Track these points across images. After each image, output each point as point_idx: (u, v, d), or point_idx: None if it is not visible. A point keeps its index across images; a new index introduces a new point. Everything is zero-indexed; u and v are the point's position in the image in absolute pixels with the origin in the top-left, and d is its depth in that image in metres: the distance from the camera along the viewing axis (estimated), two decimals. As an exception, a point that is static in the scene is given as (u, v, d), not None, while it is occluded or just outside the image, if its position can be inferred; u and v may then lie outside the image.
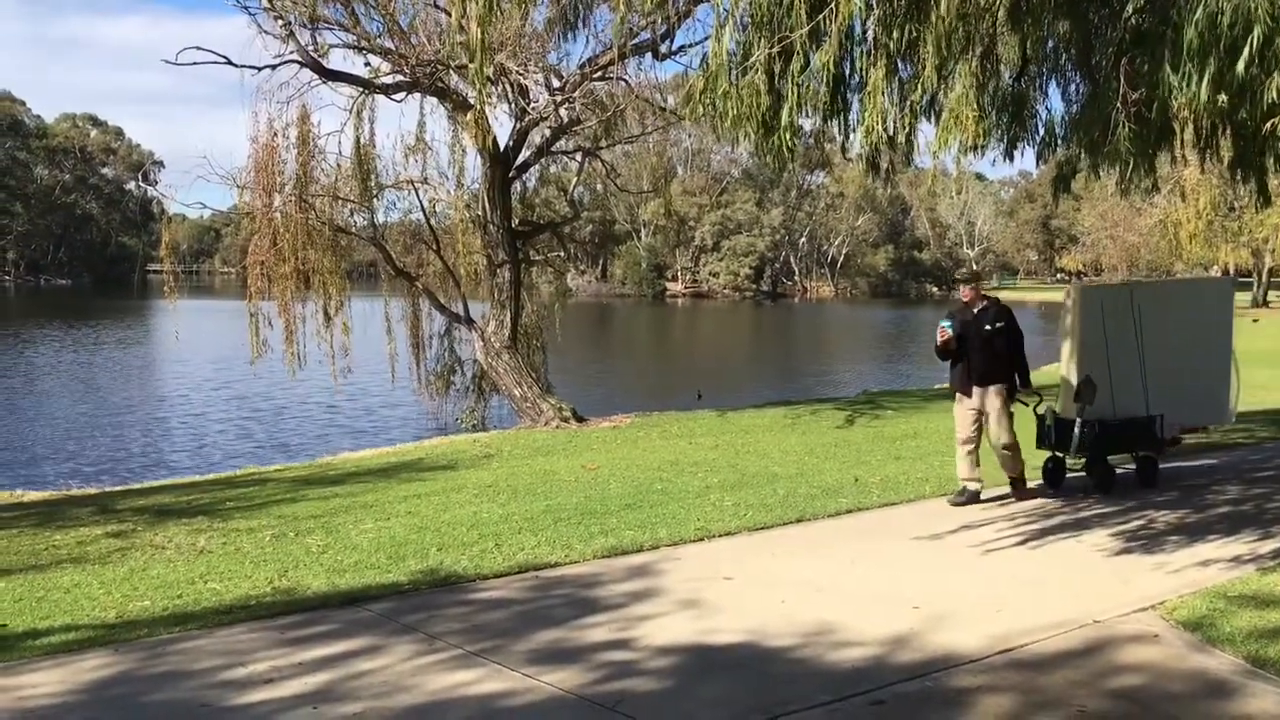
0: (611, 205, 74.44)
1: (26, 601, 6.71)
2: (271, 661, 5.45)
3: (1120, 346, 9.63)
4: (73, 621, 6.24)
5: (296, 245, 16.36)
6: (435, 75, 15.82)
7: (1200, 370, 10.20)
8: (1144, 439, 9.81)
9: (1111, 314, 9.65)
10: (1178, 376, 9.92)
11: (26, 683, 5.19)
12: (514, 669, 5.32)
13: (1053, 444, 9.72)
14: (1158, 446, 9.91)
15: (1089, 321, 9.67)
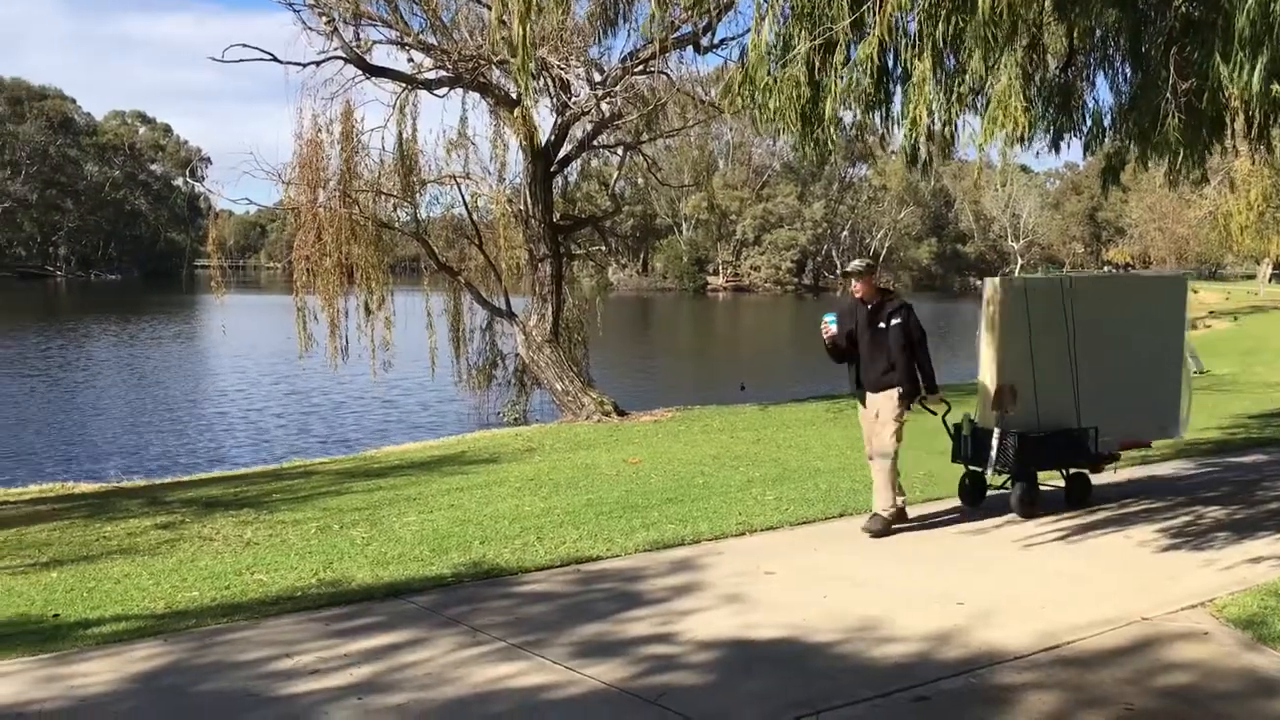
0: (652, 199, 74.32)
1: (78, 592, 6.83)
2: (317, 653, 5.51)
3: (1048, 349, 8.55)
4: (123, 612, 6.34)
5: (340, 240, 16.53)
6: (477, 71, 15.89)
7: (1147, 378, 9.17)
8: (1075, 453, 8.74)
9: (1039, 312, 8.55)
10: (1119, 384, 8.94)
11: (79, 672, 5.28)
12: (556, 662, 5.34)
13: (969, 458, 8.72)
14: (1091, 462, 8.87)
15: (1011, 320, 8.54)
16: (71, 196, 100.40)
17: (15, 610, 6.45)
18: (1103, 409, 8.76)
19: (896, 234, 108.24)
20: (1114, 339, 8.92)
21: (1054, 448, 8.65)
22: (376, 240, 17.25)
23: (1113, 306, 9.06)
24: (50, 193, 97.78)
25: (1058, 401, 8.60)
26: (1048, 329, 8.56)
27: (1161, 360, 9.27)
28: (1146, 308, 9.29)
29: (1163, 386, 9.29)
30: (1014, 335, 8.53)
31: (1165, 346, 9.33)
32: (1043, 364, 8.53)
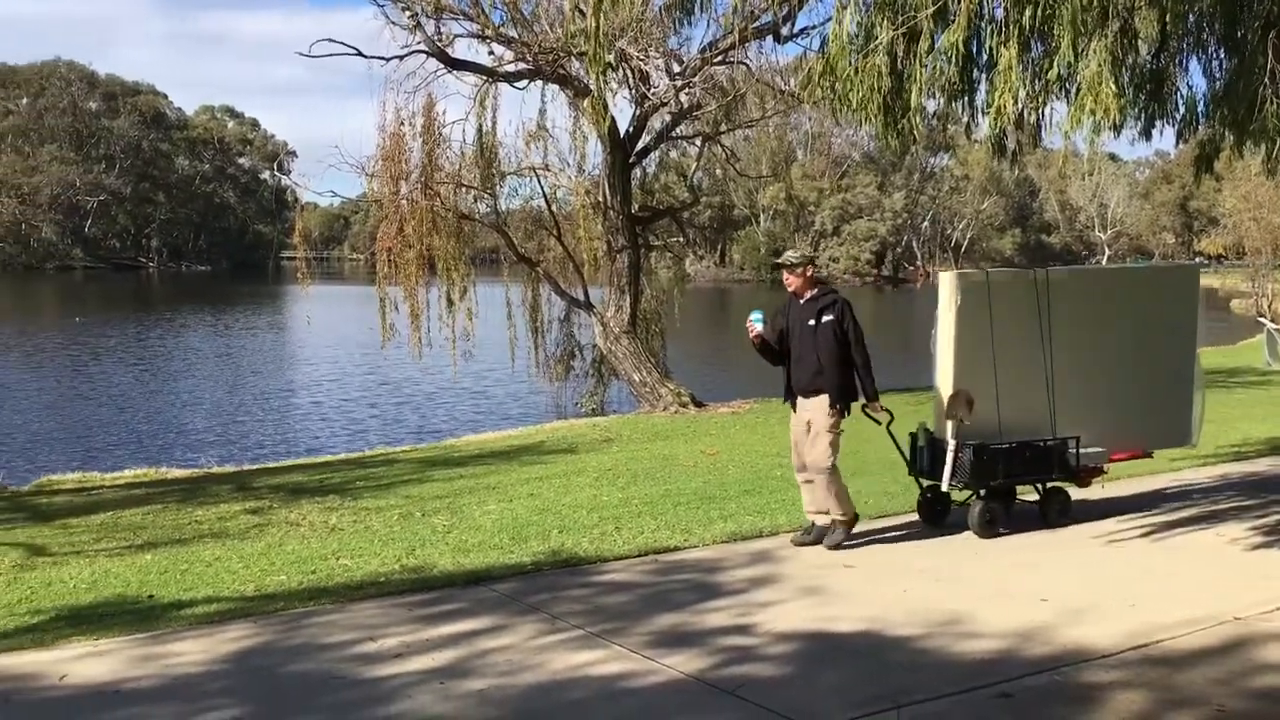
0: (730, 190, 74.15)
1: (171, 574, 7.03)
2: (401, 637, 5.61)
3: (1014, 350, 7.78)
4: (214, 594, 6.52)
5: (422, 232, 16.74)
6: (557, 63, 15.97)
7: (1148, 381, 8.32)
8: (1050, 466, 7.90)
9: (1003, 310, 7.76)
10: (1111, 389, 8.19)
11: (173, 651, 5.45)
12: (635, 651, 5.37)
13: (926, 471, 7.94)
14: (1071, 476, 7.99)
15: (969, 319, 7.71)
16: (163, 190, 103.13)
17: (113, 591, 6.67)
18: (1088, 416, 7.99)
19: (979, 224, 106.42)
20: (1104, 338, 8.17)
21: (1020, 460, 7.78)
22: (457, 232, 17.43)
23: (1102, 302, 8.28)
24: (143, 186, 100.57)
25: (1027, 409, 7.83)
26: (1015, 329, 7.79)
27: (1167, 361, 8.42)
28: (1147, 303, 8.42)
29: (1169, 390, 8.41)
30: (972, 336, 7.70)
31: (1172, 345, 8.44)
32: (1007, 368, 7.75)
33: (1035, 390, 7.87)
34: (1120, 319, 8.25)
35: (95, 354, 31.95)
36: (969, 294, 7.77)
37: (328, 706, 4.75)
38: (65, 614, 6.14)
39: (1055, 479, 8.02)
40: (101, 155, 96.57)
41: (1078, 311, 8.07)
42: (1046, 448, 7.87)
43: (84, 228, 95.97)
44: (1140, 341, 8.31)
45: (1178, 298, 8.58)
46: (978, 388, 7.67)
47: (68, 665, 5.22)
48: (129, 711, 4.67)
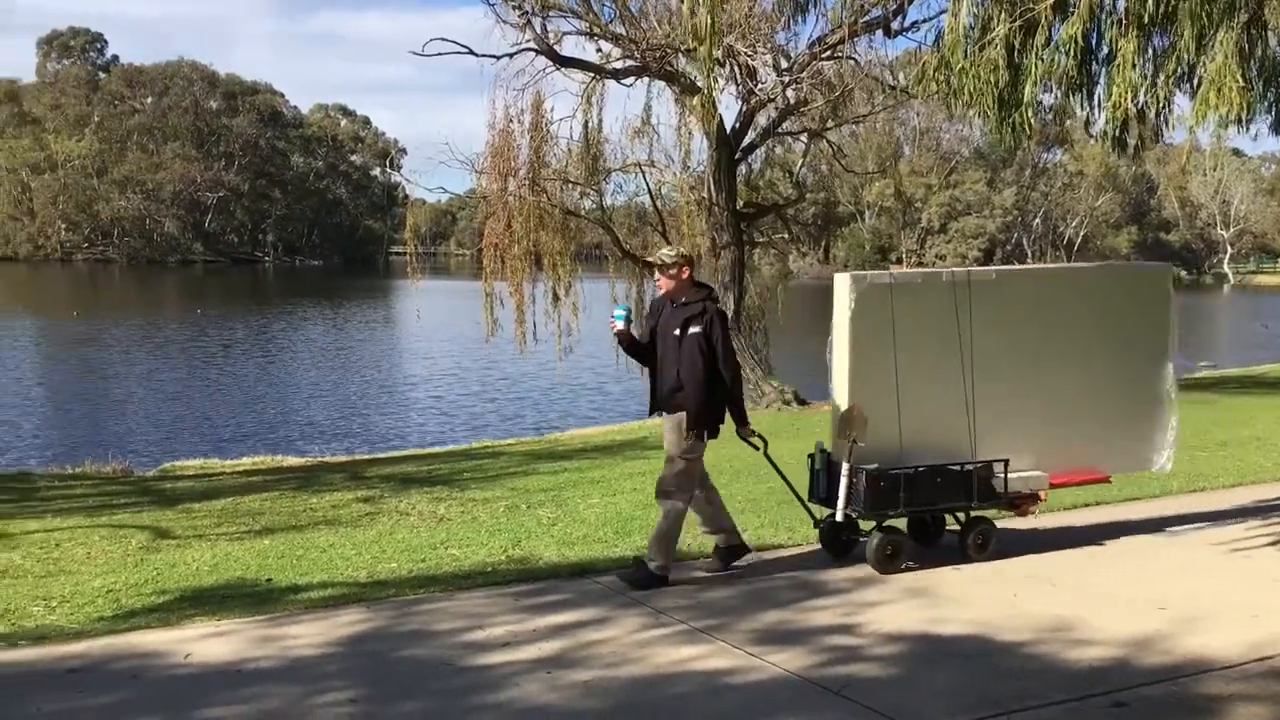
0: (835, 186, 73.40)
1: (288, 559, 7.27)
2: (508, 626, 5.71)
3: (923, 362, 6.93)
4: (329, 579, 6.72)
5: (529, 228, 16.97)
6: (664, 59, 16.02)
7: (1106, 396, 7.43)
8: (969, 493, 6.93)
9: (910, 316, 6.87)
10: (1054, 405, 7.26)
11: (290, 633, 5.63)
12: (738, 647, 5.38)
13: (824, 497, 6.99)
14: (997, 504, 7.07)
15: (867, 326, 6.82)
16: (279, 186, 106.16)
17: (233, 574, 6.92)
18: (1023, 437, 7.14)
19: (1093, 221, 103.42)
20: (1046, 349, 7.27)
21: (929, 486, 6.83)
22: (563, 228, 17.64)
23: (1041, 308, 7.29)
24: (260, 182, 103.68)
25: (940, 429, 6.94)
26: (925, 338, 6.94)
27: (1131, 374, 7.50)
28: (1104, 309, 7.45)
29: (1133, 407, 7.51)
30: (871, 346, 6.83)
31: (1137, 357, 7.50)
32: (914, 382, 6.87)
33: (951, 408, 6.95)
34: (1067, 327, 7.31)
35: (224, 346, 33.08)
36: (867, 298, 6.83)
37: (438, 692, 4.87)
38: (189, 595, 6.40)
39: (979, 507, 7.03)
40: (221, 153, 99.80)
41: (1009, 318, 7.14)
42: (963, 472, 6.89)
43: (204, 223, 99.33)
44: (1094, 353, 7.37)
45: (1144, 303, 7.56)
46: (878, 405, 6.76)
47: (192, 644, 5.44)
48: (250, 690, 4.85)
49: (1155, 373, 7.53)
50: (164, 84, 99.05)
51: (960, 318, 6.95)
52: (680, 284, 6.66)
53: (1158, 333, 7.55)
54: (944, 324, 6.94)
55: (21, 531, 8.51)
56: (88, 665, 5.16)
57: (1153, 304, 7.58)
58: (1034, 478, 7.14)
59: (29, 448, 16.63)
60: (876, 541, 6.76)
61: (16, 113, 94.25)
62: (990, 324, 7.02)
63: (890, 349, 6.81)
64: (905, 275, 7.47)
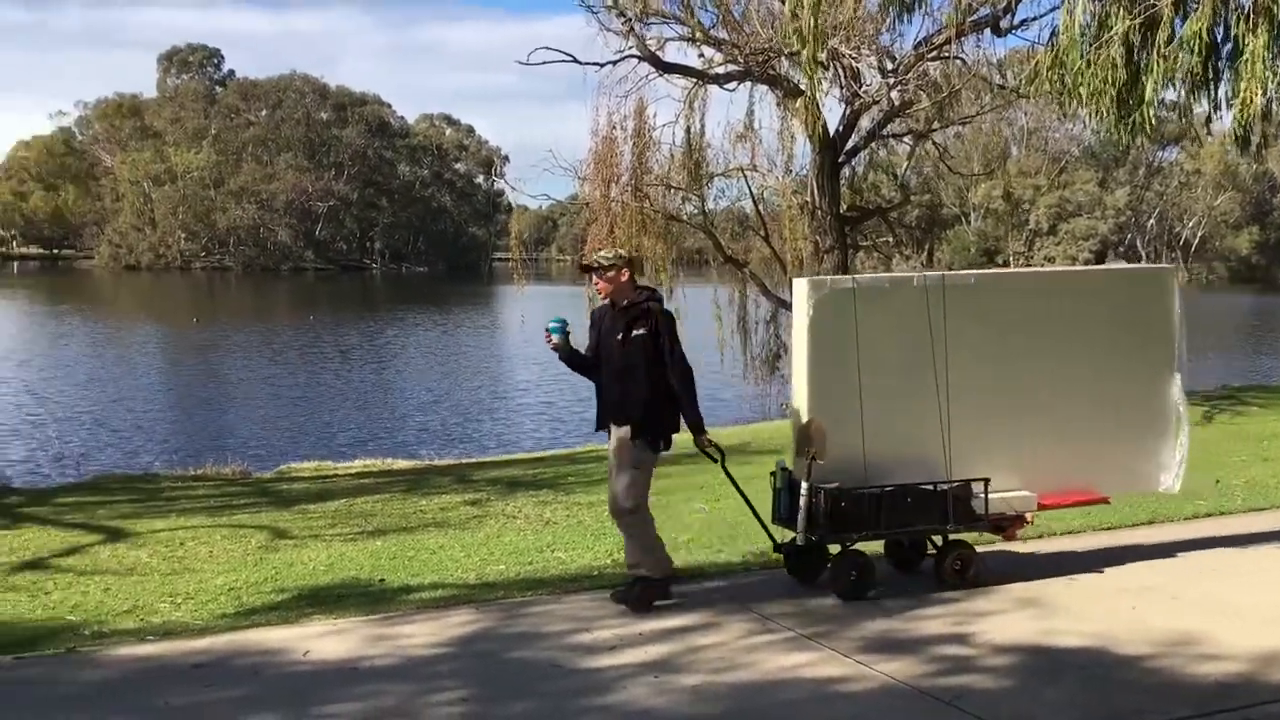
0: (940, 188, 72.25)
1: (399, 559, 7.43)
2: (614, 630, 5.75)
3: (891, 375, 6.43)
4: (439, 580, 6.85)
5: (631, 233, 17.03)
6: (767, 63, 15.96)
7: (1102, 413, 6.88)
8: (943, 515, 6.39)
9: (876, 325, 6.38)
10: (1045, 421, 6.73)
11: (403, 632, 5.76)
12: (847, 655, 5.33)
13: (784, 518, 6.49)
14: (977, 526, 6.53)
15: (828, 336, 6.37)
16: (386, 195, 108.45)
17: (347, 574, 7.10)
18: (1007, 453, 6.62)
19: (1211, 221, 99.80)
20: (1032, 359, 6.75)
21: (898, 507, 6.31)
22: (665, 233, 17.66)
23: (1027, 315, 6.77)
24: (368, 191, 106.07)
25: (908, 444, 6.45)
26: (893, 348, 6.46)
27: (1131, 386, 6.93)
28: (1099, 315, 6.90)
29: (1134, 423, 6.94)
30: (832, 356, 6.38)
31: (1138, 368, 6.95)
32: (881, 396, 6.37)
33: (922, 423, 6.44)
34: (1059, 335, 6.80)
35: (340, 351, 33.90)
36: (827, 305, 6.37)
37: (548, 693, 4.93)
38: (306, 593, 6.58)
39: (956, 530, 6.50)
40: (331, 163, 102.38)
41: (992, 326, 6.65)
42: (937, 493, 6.37)
43: (315, 231, 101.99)
44: (1090, 363, 6.84)
45: (1145, 310, 6.99)
46: (840, 419, 6.27)
47: (310, 642, 5.59)
48: (366, 688, 4.97)
49: (1160, 384, 6.94)
50: (277, 97, 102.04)
51: (934, 325, 6.44)
52: (620, 286, 6.24)
53: (1162, 340, 6.96)
54: (915, 332, 6.44)
55: (149, 530, 8.85)
56: (212, 660, 5.35)
57: (1156, 309, 6.98)
58: (1020, 498, 6.58)
59: (155, 450, 17.28)
60: (839, 567, 6.31)
61: (139, 127, 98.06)
62: (969, 332, 6.54)
63: (853, 359, 6.31)
64: (870, 280, 6.99)
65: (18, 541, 8.38)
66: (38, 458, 16.36)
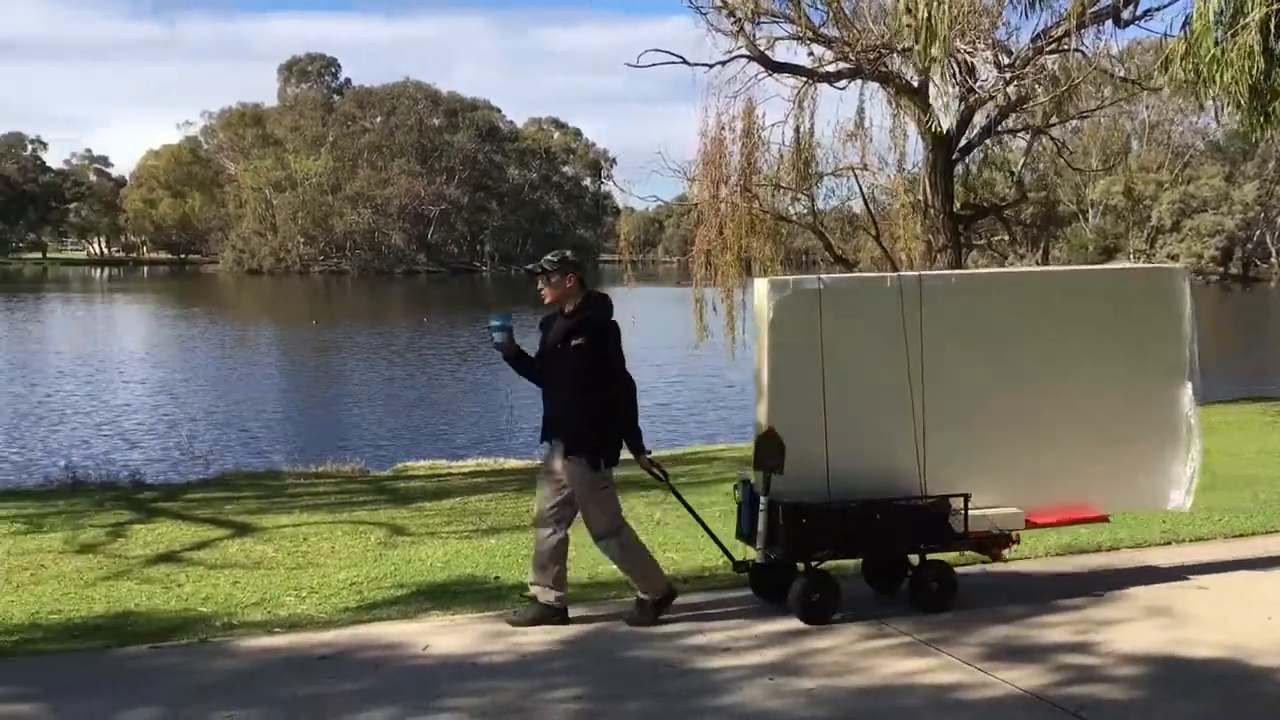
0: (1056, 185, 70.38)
1: (513, 557, 7.52)
2: (728, 631, 5.73)
3: (857, 380, 6.00)
4: (553, 578, 6.90)
5: (740, 233, 17.01)
6: (878, 60, 15.76)
7: (1102, 424, 6.40)
8: (917, 533, 5.98)
9: (843, 327, 5.95)
10: (1035, 433, 6.31)
11: (519, 630, 5.82)
12: (966, 662, 5.22)
13: (747, 534, 6.14)
14: (954, 545, 6.10)
15: (790, 339, 5.97)
16: (496, 198, 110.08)
17: (463, 571, 7.21)
18: (992, 467, 6.19)
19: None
20: (1024, 365, 6.32)
21: (865, 524, 5.89)
22: (774, 233, 17.61)
23: (1016, 319, 6.33)
24: (478, 195, 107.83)
25: (878, 457, 6.01)
26: (863, 352, 6.05)
27: (1136, 396, 6.46)
28: (1099, 319, 6.43)
29: (1142, 434, 6.46)
30: (794, 362, 5.98)
31: (1144, 376, 6.47)
32: (846, 403, 5.93)
33: (894, 434, 6.01)
34: (1053, 340, 6.37)
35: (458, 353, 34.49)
36: (789, 306, 5.96)
37: (662, 693, 4.94)
38: (424, 589, 6.71)
39: (932, 549, 6.07)
40: (443, 167, 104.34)
41: (975, 330, 6.23)
42: (909, 508, 5.97)
43: (427, 235, 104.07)
44: (1088, 370, 6.40)
45: (1152, 313, 6.49)
46: (802, 429, 5.83)
47: (429, 637, 5.70)
48: (484, 684, 5.05)
49: (1169, 393, 6.46)
50: (391, 104, 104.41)
51: (909, 329, 6.00)
52: (565, 292, 5.90)
53: (1171, 346, 6.47)
54: (888, 336, 6.01)
55: (274, 526, 9.12)
56: (336, 653, 5.49)
57: (1164, 312, 6.47)
58: (1006, 515, 6.11)
59: (278, 447, 17.84)
60: (800, 587, 5.87)
61: (261, 135, 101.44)
62: (949, 336, 6.10)
63: (817, 365, 5.88)
64: (837, 281, 6.59)
65: (151, 535, 8.72)
66: (171, 455, 17.04)
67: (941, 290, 6.24)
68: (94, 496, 10.94)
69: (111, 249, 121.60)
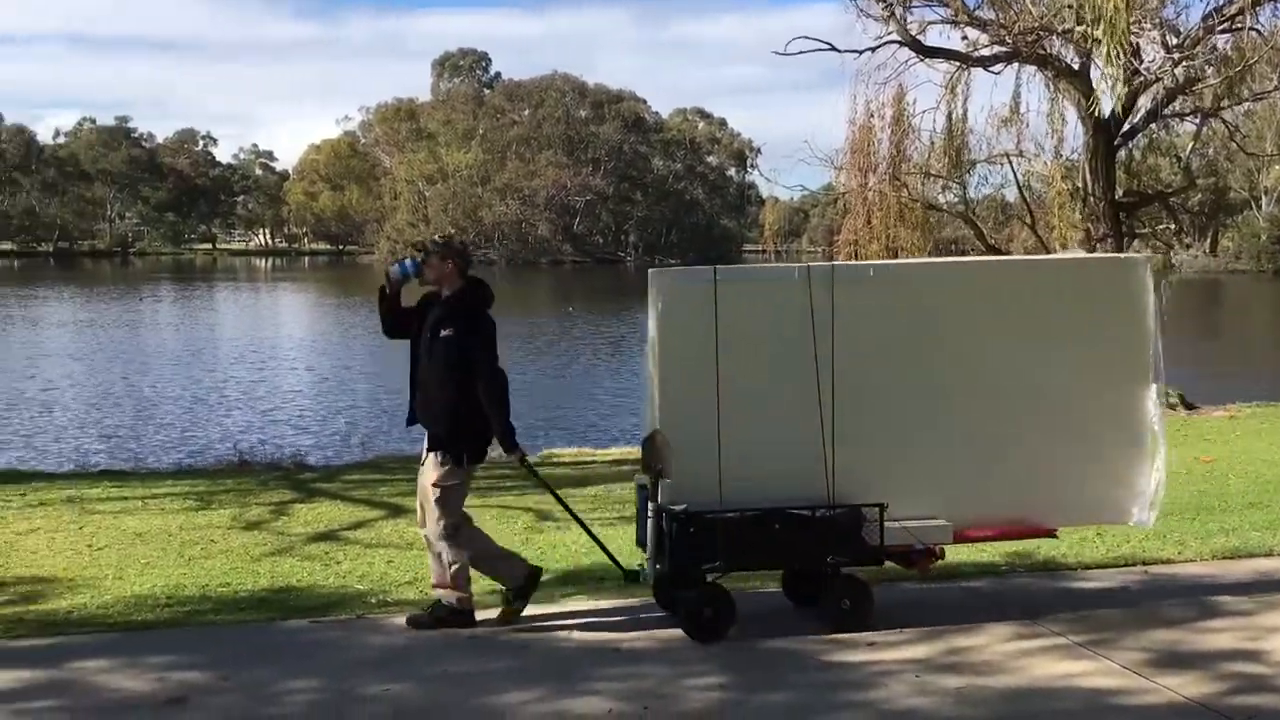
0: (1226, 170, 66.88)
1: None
2: (872, 626, 5.63)
3: (757, 378, 5.60)
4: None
5: (888, 223, 16.73)
6: (1036, 43, 15.24)
7: (1049, 430, 5.86)
8: (823, 545, 5.52)
9: (743, 323, 5.56)
10: (971, 438, 5.81)
11: (660, 618, 5.84)
12: (1126, 667, 5.04)
13: (642, 540, 5.76)
14: (867, 558, 5.63)
15: (678, 335, 5.60)
16: (640, 189, 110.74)
17: (605, 557, 7.28)
18: (918, 475, 5.71)
19: None
20: (957, 365, 5.81)
21: (762, 535, 5.45)
22: (923, 223, 17.26)
23: (954, 313, 5.84)
24: (623, 186, 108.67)
25: (779, 462, 5.55)
26: (764, 348, 5.64)
27: (1090, 399, 5.90)
28: (1050, 312, 5.91)
29: (1097, 441, 5.92)
30: (685, 358, 5.58)
31: (1100, 377, 5.92)
32: (742, 403, 5.54)
33: (797, 437, 5.56)
34: (991, 338, 5.86)
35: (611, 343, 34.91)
36: (680, 299, 5.63)
37: (805, 685, 4.91)
38: (569, 574, 6.83)
39: (841, 563, 5.64)
40: (589, 159, 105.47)
41: (897, 327, 5.77)
42: (814, 519, 5.51)
43: (572, 225, 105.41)
44: (1032, 370, 5.86)
45: (1111, 308, 5.94)
46: (693, 431, 5.47)
47: (574, 621, 5.81)
48: (626, 669, 5.11)
49: (1130, 398, 5.90)
50: (539, 96, 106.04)
51: (818, 324, 5.56)
52: (442, 275, 5.68)
53: (1133, 343, 5.91)
54: (793, 332, 5.57)
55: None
56: (485, 633, 5.64)
57: (1125, 307, 5.92)
58: (930, 528, 5.63)
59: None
60: (688, 602, 5.53)
61: (414, 129, 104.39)
62: (866, 333, 5.68)
63: (711, 362, 5.50)
64: (736, 271, 6.27)
65: (311, 514, 9.08)
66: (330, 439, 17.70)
67: (857, 282, 5.91)
68: (259, 476, 11.45)
69: (275, 240, 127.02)
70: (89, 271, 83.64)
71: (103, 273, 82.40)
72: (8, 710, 4.68)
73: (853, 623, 5.55)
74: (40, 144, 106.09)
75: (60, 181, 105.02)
